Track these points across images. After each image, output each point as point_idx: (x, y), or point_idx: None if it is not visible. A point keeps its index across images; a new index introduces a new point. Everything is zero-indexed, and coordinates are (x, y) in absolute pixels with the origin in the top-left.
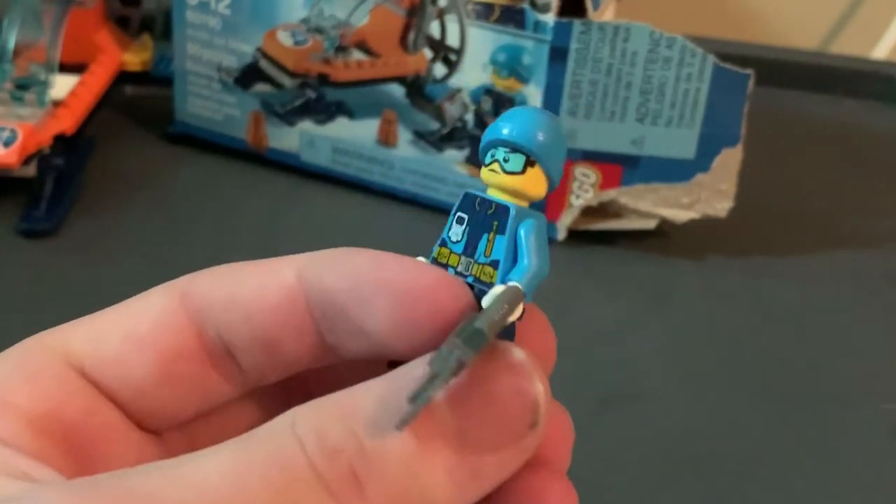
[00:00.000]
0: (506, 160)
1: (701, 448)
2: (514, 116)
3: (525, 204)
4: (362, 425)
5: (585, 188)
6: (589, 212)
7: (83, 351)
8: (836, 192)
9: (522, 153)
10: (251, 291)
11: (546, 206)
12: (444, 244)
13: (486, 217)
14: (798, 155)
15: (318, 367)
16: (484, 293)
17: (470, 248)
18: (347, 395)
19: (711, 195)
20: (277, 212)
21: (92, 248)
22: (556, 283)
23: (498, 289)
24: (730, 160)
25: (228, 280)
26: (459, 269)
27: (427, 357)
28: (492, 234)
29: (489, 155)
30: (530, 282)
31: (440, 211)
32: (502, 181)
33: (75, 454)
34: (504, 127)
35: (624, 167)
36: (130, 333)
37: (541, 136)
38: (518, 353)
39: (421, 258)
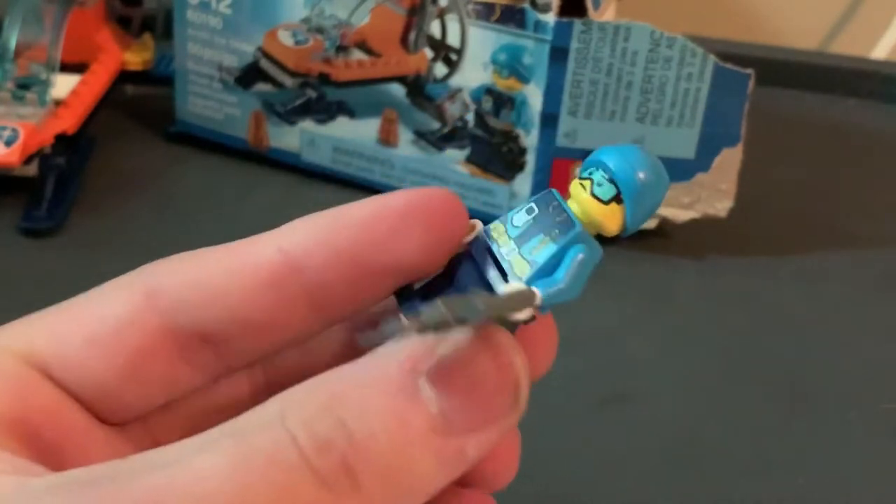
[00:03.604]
0: (599, 184)
1: (701, 448)
2: (633, 153)
3: (592, 231)
4: (350, 413)
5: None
6: None
7: (46, 351)
8: (836, 192)
9: (616, 187)
10: (223, 281)
11: None
12: (504, 222)
13: (553, 222)
14: (798, 155)
15: (302, 342)
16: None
17: (522, 240)
18: (332, 379)
19: (712, 195)
20: (278, 211)
21: (93, 247)
22: None
23: (516, 285)
24: (730, 160)
25: (197, 272)
26: (502, 250)
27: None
28: (547, 239)
29: (588, 171)
30: (553, 296)
31: None
32: (585, 201)
33: (42, 455)
34: (617, 155)
35: None
36: (94, 336)
37: (641, 182)
38: (500, 335)
39: (478, 221)
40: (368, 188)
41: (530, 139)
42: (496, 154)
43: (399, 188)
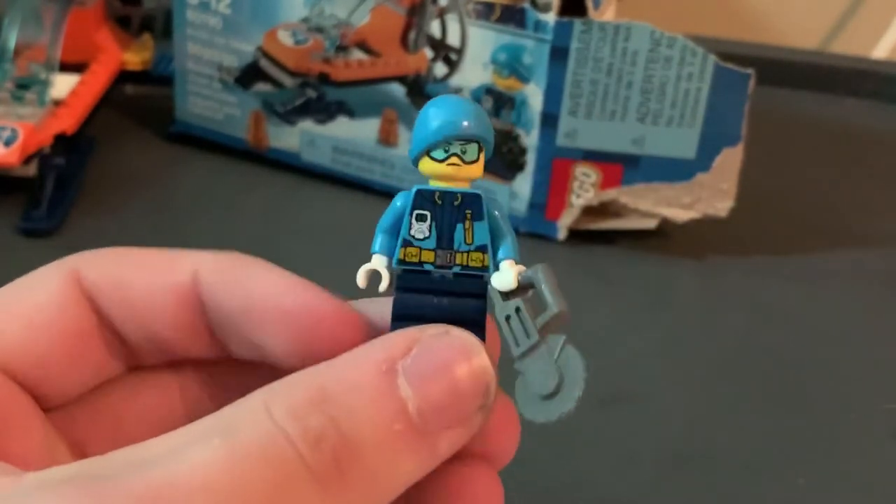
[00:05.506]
0: (464, 152)
1: (700, 447)
2: (450, 107)
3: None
4: (340, 411)
5: (586, 188)
6: (589, 211)
7: None
8: (836, 192)
9: (476, 142)
10: (142, 291)
11: (546, 207)
12: (408, 244)
13: (454, 207)
14: (798, 155)
15: (209, 357)
16: (478, 277)
17: (445, 241)
18: (317, 376)
19: (712, 195)
20: (278, 211)
21: (92, 247)
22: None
23: (519, 268)
24: (730, 160)
25: (120, 275)
26: (438, 262)
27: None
28: (468, 223)
29: (442, 150)
30: (518, 253)
31: None
32: (468, 171)
33: None
34: (455, 120)
35: (624, 167)
36: (32, 323)
37: (485, 123)
38: (471, 339)
39: (369, 265)
40: (368, 188)
41: (530, 139)
42: (496, 154)
43: (399, 188)
